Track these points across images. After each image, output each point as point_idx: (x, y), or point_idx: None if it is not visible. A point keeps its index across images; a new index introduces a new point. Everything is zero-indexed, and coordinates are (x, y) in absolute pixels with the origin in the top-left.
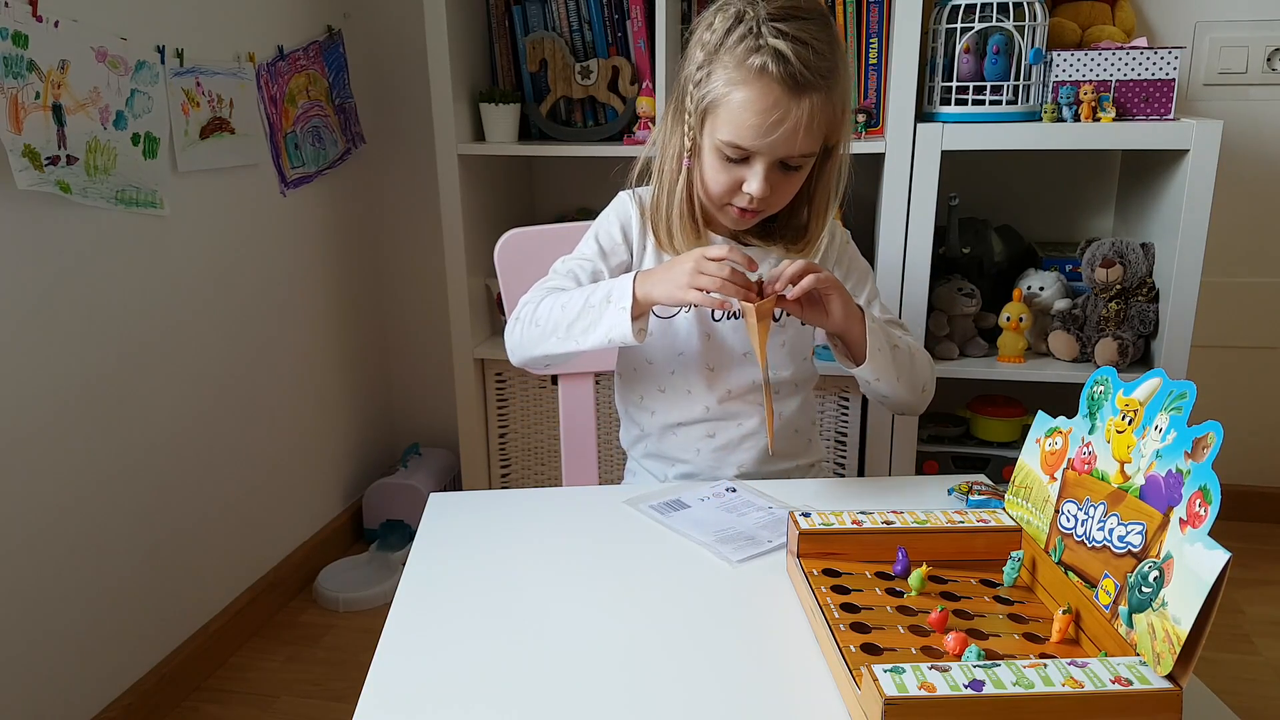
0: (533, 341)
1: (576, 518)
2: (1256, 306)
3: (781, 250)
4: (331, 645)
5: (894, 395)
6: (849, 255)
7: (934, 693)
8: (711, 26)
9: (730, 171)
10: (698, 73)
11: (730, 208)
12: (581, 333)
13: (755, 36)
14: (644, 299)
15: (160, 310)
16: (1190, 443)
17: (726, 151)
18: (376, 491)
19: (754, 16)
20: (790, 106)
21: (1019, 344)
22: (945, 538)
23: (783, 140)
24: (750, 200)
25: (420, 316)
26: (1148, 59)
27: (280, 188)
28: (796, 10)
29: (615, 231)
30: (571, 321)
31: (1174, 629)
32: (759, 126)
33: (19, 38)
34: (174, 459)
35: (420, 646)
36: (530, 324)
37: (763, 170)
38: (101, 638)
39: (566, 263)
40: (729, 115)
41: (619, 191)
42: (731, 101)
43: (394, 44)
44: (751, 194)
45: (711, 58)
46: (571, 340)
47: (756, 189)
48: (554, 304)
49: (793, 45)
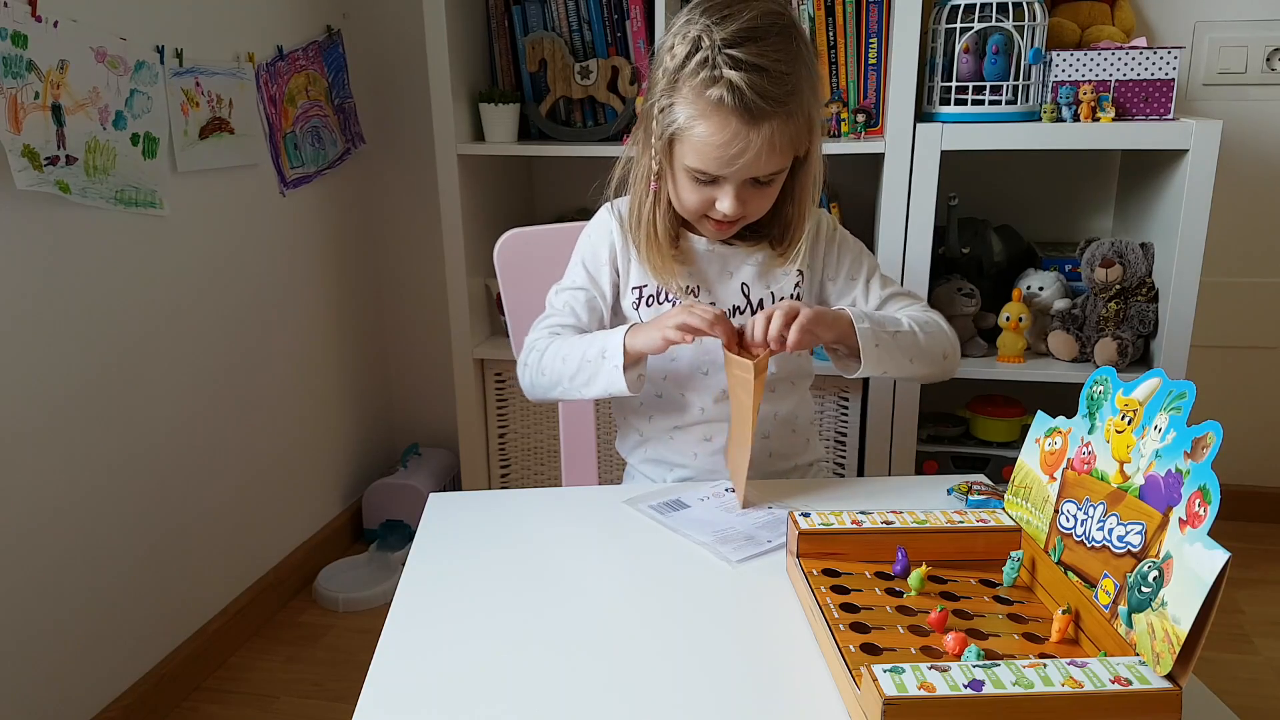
0: (543, 389)
1: (576, 518)
2: (1256, 306)
3: (767, 249)
4: (331, 645)
5: (913, 376)
6: (839, 241)
7: (933, 693)
8: (672, 51)
9: (701, 192)
10: (662, 98)
11: (708, 220)
12: (584, 385)
13: (711, 67)
14: (634, 353)
15: (159, 310)
16: (1190, 442)
17: (695, 175)
18: (376, 491)
19: (710, 44)
20: (750, 136)
21: (1018, 344)
22: (945, 538)
23: (746, 167)
24: (724, 216)
25: (420, 316)
26: (1147, 59)
27: (280, 188)
28: (753, 31)
29: (601, 252)
30: (573, 374)
31: (1173, 629)
32: (721, 158)
33: (18, 38)
34: (173, 458)
35: (420, 646)
36: (538, 372)
37: (733, 190)
38: (101, 638)
39: (560, 294)
40: (692, 146)
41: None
42: (693, 134)
43: (393, 44)
44: (725, 213)
45: (673, 85)
46: (576, 391)
47: (728, 208)
48: (555, 356)
49: (747, 75)
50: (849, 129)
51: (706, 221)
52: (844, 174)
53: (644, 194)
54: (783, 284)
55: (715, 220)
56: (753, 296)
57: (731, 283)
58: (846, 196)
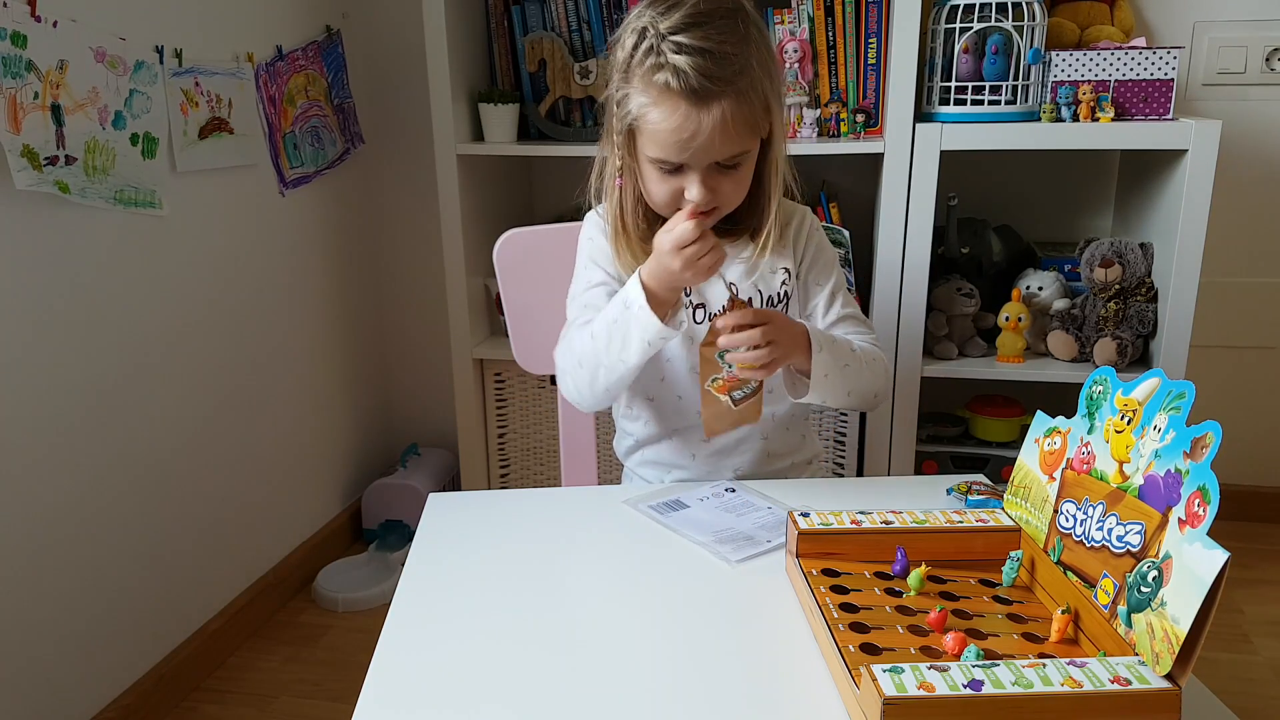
0: (587, 383)
1: (576, 518)
2: (1255, 306)
3: (750, 245)
4: (330, 645)
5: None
6: (817, 242)
7: (933, 692)
8: (622, 44)
9: (669, 182)
10: (618, 92)
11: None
12: (620, 350)
13: (656, 54)
14: (657, 286)
15: (159, 310)
16: (1189, 442)
17: (660, 165)
18: (375, 492)
19: (655, 33)
20: (700, 118)
21: (1018, 344)
22: (944, 538)
23: (703, 150)
24: (695, 206)
25: (419, 316)
26: (1146, 59)
27: (279, 188)
28: (696, 17)
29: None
30: (606, 345)
31: (1173, 629)
32: (676, 143)
33: (18, 38)
34: (172, 459)
35: (419, 647)
36: (577, 368)
37: (698, 177)
38: (101, 638)
39: (577, 300)
40: (649, 134)
41: None
42: (648, 122)
43: (393, 44)
44: (694, 200)
45: (625, 78)
46: (618, 362)
47: (696, 195)
48: (584, 339)
49: (691, 59)
50: (848, 129)
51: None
52: (843, 174)
53: (612, 189)
54: (770, 281)
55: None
56: (740, 296)
57: (718, 283)
58: (846, 196)
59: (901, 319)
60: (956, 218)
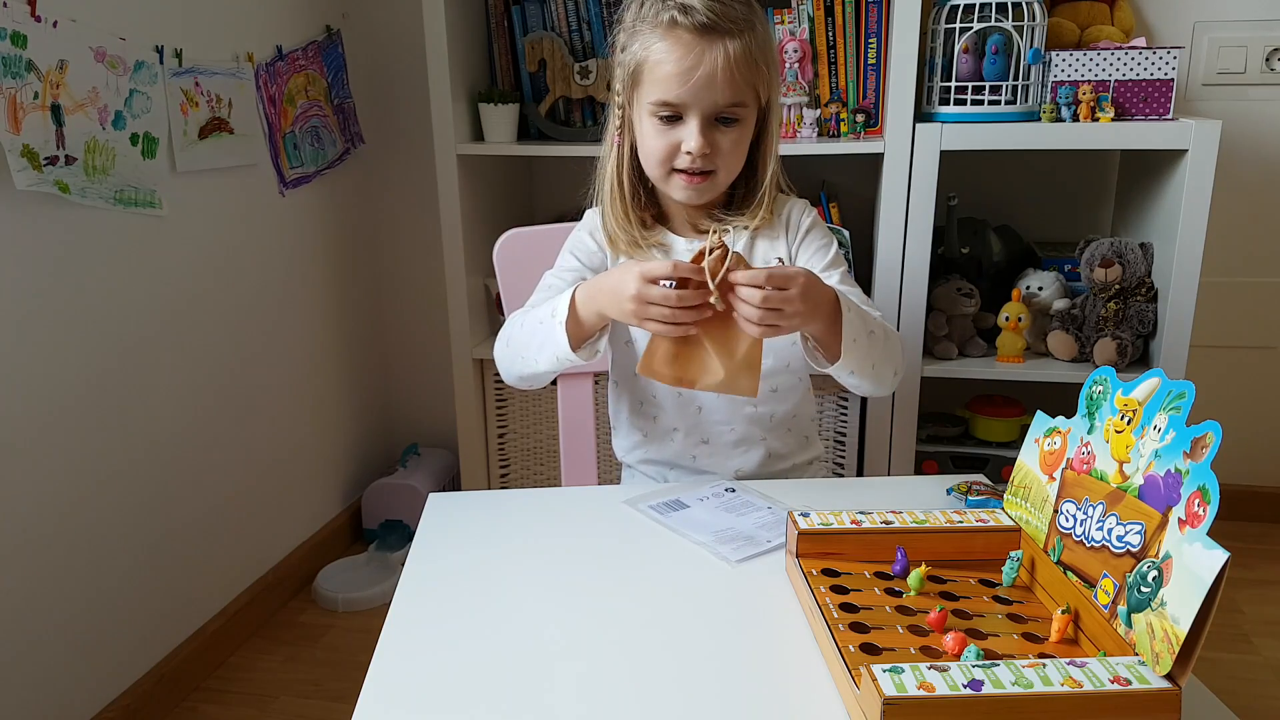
0: (509, 364)
1: (576, 518)
2: (1255, 306)
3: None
4: (330, 645)
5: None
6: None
7: (933, 692)
8: (627, 8)
9: (666, 135)
10: (621, 53)
11: (676, 175)
12: (536, 351)
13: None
14: (588, 312)
15: (159, 310)
16: (1189, 442)
17: (659, 112)
18: (375, 491)
19: None
20: (704, 51)
21: (1018, 344)
22: (944, 537)
23: (705, 87)
24: (692, 159)
25: (419, 316)
26: (1146, 59)
27: (279, 188)
28: None
29: (587, 240)
30: (527, 342)
31: (1173, 629)
32: (679, 75)
33: (17, 38)
34: (172, 459)
35: (419, 646)
36: (505, 347)
37: (697, 125)
38: (101, 638)
39: (546, 278)
40: (651, 75)
41: None
42: (651, 60)
43: (393, 44)
44: (691, 151)
45: (629, 34)
46: (534, 362)
47: (694, 145)
48: (519, 322)
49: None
50: (848, 129)
51: (676, 178)
52: (843, 174)
53: (609, 152)
54: None
55: (686, 174)
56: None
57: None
58: (846, 196)
59: (901, 319)
60: (956, 218)
